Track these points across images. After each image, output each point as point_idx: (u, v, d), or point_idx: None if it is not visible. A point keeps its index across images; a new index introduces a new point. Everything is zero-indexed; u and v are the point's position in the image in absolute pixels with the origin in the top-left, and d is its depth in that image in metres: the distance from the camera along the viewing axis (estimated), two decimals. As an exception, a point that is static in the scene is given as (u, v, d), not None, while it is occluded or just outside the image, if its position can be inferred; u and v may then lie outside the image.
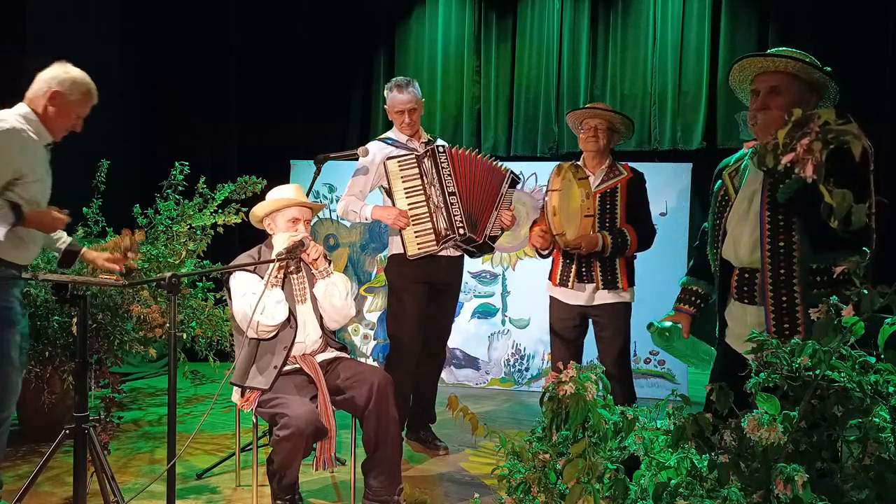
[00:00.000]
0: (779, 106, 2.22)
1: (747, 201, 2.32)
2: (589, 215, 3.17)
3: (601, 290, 3.24)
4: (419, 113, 3.64)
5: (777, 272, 2.22)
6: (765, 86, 2.28)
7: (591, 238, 3.15)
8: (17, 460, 3.51)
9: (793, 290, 2.20)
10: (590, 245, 3.14)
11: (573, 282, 3.27)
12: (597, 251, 3.17)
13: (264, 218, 2.98)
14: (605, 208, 3.24)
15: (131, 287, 3.49)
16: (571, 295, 3.29)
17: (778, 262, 2.22)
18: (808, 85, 2.26)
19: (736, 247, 2.34)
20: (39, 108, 2.60)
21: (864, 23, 5.23)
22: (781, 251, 2.22)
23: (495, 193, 3.56)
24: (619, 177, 3.28)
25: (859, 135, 1.52)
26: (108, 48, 5.85)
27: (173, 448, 2.33)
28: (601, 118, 3.27)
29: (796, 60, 2.23)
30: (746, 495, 1.42)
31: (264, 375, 2.79)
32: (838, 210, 1.47)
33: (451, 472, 3.48)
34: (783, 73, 2.25)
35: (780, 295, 2.22)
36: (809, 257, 2.18)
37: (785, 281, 2.21)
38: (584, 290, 3.26)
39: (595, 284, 3.24)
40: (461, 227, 3.46)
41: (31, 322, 3.68)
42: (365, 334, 5.45)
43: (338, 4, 6.40)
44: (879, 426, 1.45)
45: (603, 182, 3.27)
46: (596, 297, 3.26)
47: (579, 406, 1.67)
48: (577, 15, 5.93)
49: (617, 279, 3.23)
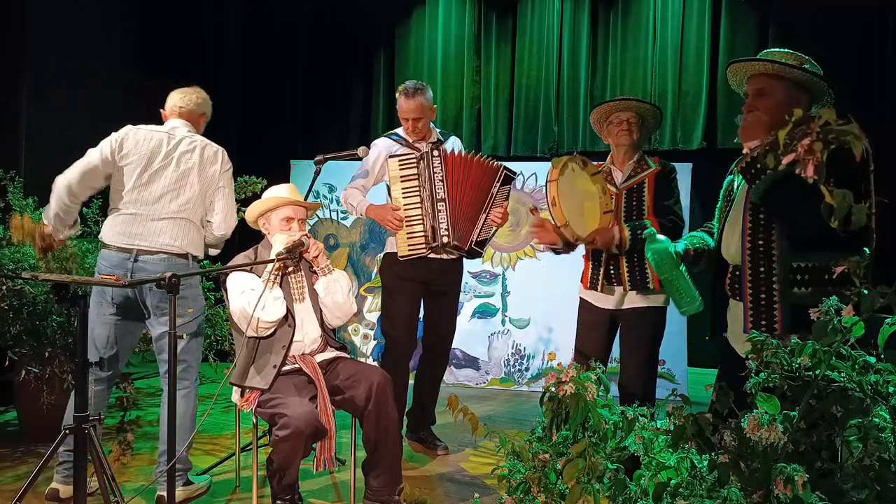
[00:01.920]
0: (765, 107, 2.27)
1: (740, 202, 2.35)
2: (608, 211, 2.95)
3: (630, 293, 3.01)
4: (425, 121, 3.57)
5: (756, 269, 2.25)
6: (752, 88, 2.33)
7: (606, 231, 2.90)
8: (17, 460, 3.51)
9: (772, 287, 2.22)
10: (604, 239, 2.90)
11: (602, 284, 3.05)
12: (615, 245, 2.93)
13: (258, 218, 2.98)
14: (631, 204, 3.03)
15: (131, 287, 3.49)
16: (601, 298, 3.08)
17: (758, 260, 2.25)
18: (795, 85, 2.28)
19: (728, 245, 2.38)
20: (196, 124, 3.26)
21: (864, 23, 5.23)
22: (761, 249, 2.24)
23: (485, 195, 3.48)
24: (647, 171, 3.05)
25: (860, 135, 1.52)
26: (108, 49, 5.85)
27: (173, 448, 2.33)
28: (632, 110, 3.05)
29: (773, 62, 2.26)
30: (746, 495, 1.42)
31: (263, 375, 2.79)
32: (838, 210, 1.47)
33: (451, 472, 3.48)
34: (767, 76, 2.29)
35: (758, 292, 2.24)
36: (790, 256, 2.19)
37: (764, 278, 2.23)
38: (614, 294, 3.05)
39: (623, 287, 3.01)
40: (445, 236, 3.42)
41: (32, 322, 3.69)
42: (365, 334, 5.45)
43: (338, 5, 6.41)
44: (879, 426, 1.45)
45: (630, 178, 3.06)
46: (625, 301, 3.03)
47: (579, 406, 1.67)
48: (577, 15, 5.94)
49: (647, 279, 2.96)
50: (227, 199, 3.18)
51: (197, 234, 3.12)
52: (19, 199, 3.89)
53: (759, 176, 2.14)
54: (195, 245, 3.12)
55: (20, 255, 3.70)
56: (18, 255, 3.70)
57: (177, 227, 3.05)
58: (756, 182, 2.17)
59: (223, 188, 3.17)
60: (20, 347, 3.68)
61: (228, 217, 3.18)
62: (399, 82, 3.66)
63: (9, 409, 4.20)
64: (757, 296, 2.24)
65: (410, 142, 3.61)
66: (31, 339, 3.67)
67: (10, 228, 3.15)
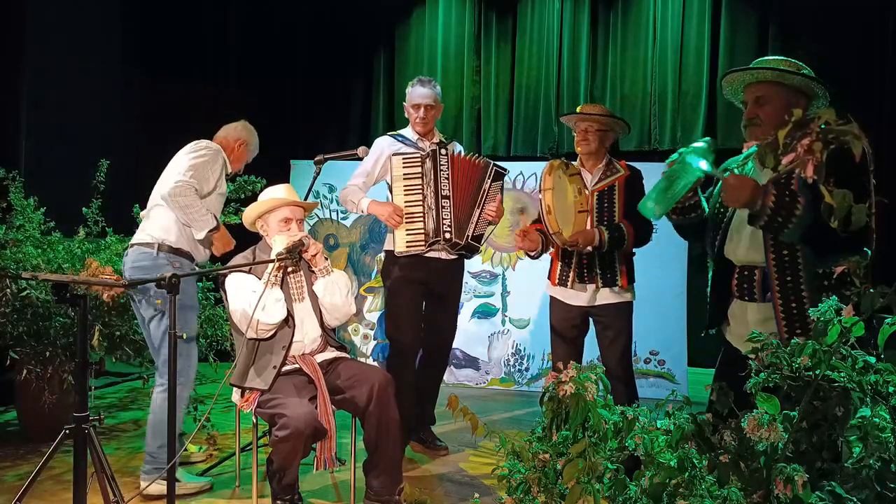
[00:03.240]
0: (766, 114, 2.27)
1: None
2: (583, 211, 3.16)
3: (602, 290, 3.22)
4: (434, 113, 3.63)
5: (784, 279, 2.24)
6: (751, 97, 2.34)
7: (587, 233, 3.13)
8: (18, 460, 3.51)
9: (801, 295, 2.21)
10: (586, 240, 3.12)
11: (573, 282, 3.25)
12: (594, 246, 3.15)
13: (256, 220, 2.97)
14: (602, 206, 3.23)
15: (131, 287, 3.50)
16: (572, 295, 3.27)
17: (783, 270, 2.24)
18: (794, 90, 2.29)
19: (737, 245, 2.36)
20: (230, 148, 3.39)
21: (864, 23, 5.23)
22: (786, 259, 2.24)
23: (478, 191, 3.54)
24: (617, 174, 3.27)
25: (860, 135, 1.52)
26: (108, 49, 5.85)
27: (173, 448, 2.33)
28: (591, 121, 3.27)
29: (773, 69, 2.27)
30: (746, 495, 1.42)
31: (263, 376, 2.78)
32: (838, 210, 1.47)
33: (451, 472, 3.48)
34: (765, 83, 2.30)
35: (788, 301, 2.23)
36: (815, 263, 2.19)
37: (792, 287, 2.22)
38: (586, 291, 3.25)
39: (595, 284, 3.22)
40: (448, 232, 3.48)
41: (32, 322, 3.69)
42: (365, 334, 5.45)
43: (338, 5, 6.40)
44: (880, 426, 1.45)
45: (600, 180, 3.26)
46: (598, 297, 3.24)
47: (579, 406, 1.67)
48: (577, 15, 5.93)
49: (616, 277, 3.21)
50: (177, 164, 3.14)
51: (166, 216, 3.10)
52: (20, 199, 3.89)
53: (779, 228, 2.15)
54: (163, 229, 3.09)
55: (21, 255, 3.70)
56: (20, 255, 3.70)
57: (147, 220, 3.18)
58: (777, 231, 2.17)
59: (184, 164, 3.12)
60: (21, 347, 3.68)
61: (172, 179, 3.06)
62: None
63: (9, 409, 4.20)
64: (787, 304, 2.23)
65: (414, 141, 3.62)
66: (31, 339, 3.67)
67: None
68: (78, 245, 3.92)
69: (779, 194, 2.11)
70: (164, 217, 3.11)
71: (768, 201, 2.11)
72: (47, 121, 5.08)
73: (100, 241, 4.01)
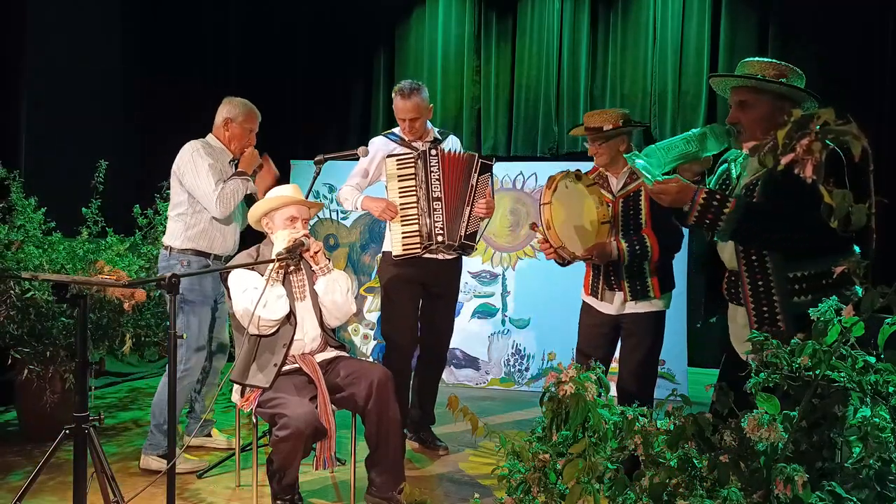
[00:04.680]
0: (749, 119, 2.26)
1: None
2: (606, 222, 2.95)
3: (629, 301, 3.03)
4: (422, 121, 3.57)
5: (755, 282, 2.26)
6: (735, 100, 2.33)
7: (602, 247, 2.92)
8: (18, 460, 3.51)
9: (772, 298, 2.23)
10: (601, 255, 2.92)
11: (602, 291, 3.07)
12: (613, 261, 2.96)
13: (262, 218, 2.98)
14: (628, 213, 3.02)
15: (131, 287, 3.52)
16: (603, 304, 3.11)
17: (754, 273, 2.26)
18: (779, 95, 2.26)
19: (723, 250, 2.40)
20: (220, 135, 3.46)
21: (864, 23, 5.23)
22: (755, 262, 2.25)
23: (466, 188, 3.48)
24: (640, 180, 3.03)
25: (859, 135, 1.52)
26: (108, 49, 5.85)
27: (173, 448, 2.33)
28: (594, 138, 3.03)
29: (751, 78, 2.25)
30: (746, 495, 1.42)
31: (264, 373, 2.79)
32: (838, 210, 1.47)
33: (451, 472, 3.48)
34: (748, 88, 2.29)
35: (760, 304, 2.25)
36: (784, 267, 2.20)
37: (763, 291, 2.24)
38: (614, 300, 3.07)
39: (623, 293, 3.03)
40: (440, 234, 3.45)
41: (36, 322, 3.69)
42: (365, 334, 5.45)
43: (338, 5, 6.40)
44: (880, 426, 1.45)
45: (626, 185, 3.05)
46: (627, 306, 3.05)
47: (579, 406, 1.67)
48: (577, 15, 5.93)
49: (648, 288, 3.00)
50: (193, 179, 3.31)
51: (173, 224, 3.41)
52: (21, 198, 3.89)
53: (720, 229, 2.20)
54: (172, 235, 3.40)
55: (23, 255, 3.70)
56: (21, 255, 3.71)
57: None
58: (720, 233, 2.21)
59: (185, 174, 3.33)
60: (21, 347, 3.68)
61: (205, 194, 3.29)
62: (399, 82, 3.65)
63: (9, 408, 4.20)
64: (759, 308, 2.25)
65: (408, 141, 3.61)
66: (32, 339, 3.67)
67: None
68: (80, 245, 3.92)
69: (709, 195, 2.17)
70: (171, 223, 3.42)
71: (699, 200, 2.17)
72: (47, 121, 5.08)
73: (100, 241, 4.01)
